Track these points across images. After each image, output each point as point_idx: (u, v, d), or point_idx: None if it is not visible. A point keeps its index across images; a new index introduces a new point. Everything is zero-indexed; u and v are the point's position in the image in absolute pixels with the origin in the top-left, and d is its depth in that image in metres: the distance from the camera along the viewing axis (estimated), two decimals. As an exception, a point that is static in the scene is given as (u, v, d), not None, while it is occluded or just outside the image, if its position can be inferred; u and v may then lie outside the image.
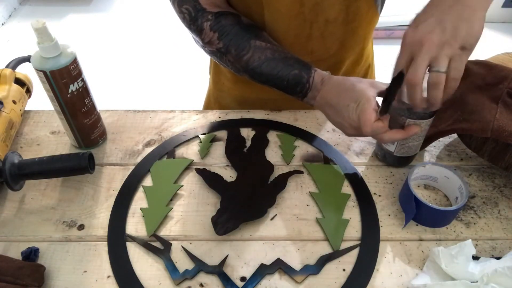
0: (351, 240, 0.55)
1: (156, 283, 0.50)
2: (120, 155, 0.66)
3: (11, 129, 0.65)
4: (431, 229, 0.56)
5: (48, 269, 0.51)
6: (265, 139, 0.68)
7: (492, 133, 0.55)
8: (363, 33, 0.72)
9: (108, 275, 0.51)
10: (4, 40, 2.49)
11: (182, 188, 0.61)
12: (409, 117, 0.55)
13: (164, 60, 2.31)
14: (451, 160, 0.66)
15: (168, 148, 0.66)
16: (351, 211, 0.58)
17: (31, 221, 0.57)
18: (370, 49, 0.83)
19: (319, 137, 0.69)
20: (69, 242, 0.55)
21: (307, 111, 0.73)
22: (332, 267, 0.52)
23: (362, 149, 0.67)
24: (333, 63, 0.73)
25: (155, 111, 0.73)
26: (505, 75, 0.60)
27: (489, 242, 0.55)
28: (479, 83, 0.61)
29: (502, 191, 0.61)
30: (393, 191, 0.61)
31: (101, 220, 0.57)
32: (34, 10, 2.78)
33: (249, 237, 0.55)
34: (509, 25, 2.61)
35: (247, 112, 0.73)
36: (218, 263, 0.52)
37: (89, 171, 0.57)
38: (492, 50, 0.82)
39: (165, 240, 0.54)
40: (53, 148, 0.67)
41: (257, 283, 0.50)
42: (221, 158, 0.66)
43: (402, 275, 0.51)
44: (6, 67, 0.70)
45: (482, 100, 0.59)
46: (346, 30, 0.68)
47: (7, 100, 0.66)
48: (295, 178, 0.62)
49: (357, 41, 0.72)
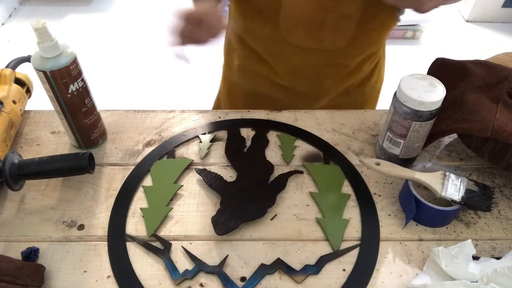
0: (351, 240, 0.55)
1: (156, 283, 0.50)
2: (120, 155, 0.66)
3: (11, 129, 0.65)
4: (431, 229, 0.56)
5: (48, 269, 0.51)
6: (265, 139, 0.68)
7: (492, 133, 0.55)
8: (377, 36, 0.72)
9: (108, 275, 0.51)
10: (4, 40, 2.49)
11: (182, 188, 0.61)
12: (415, 120, 0.55)
13: (164, 60, 2.31)
14: (451, 160, 0.66)
15: (168, 148, 0.66)
16: (351, 211, 0.58)
17: (31, 221, 0.57)
18: (381, 52, 0.83)
19: (319, 137, 0.69)
20: (69, 242, 0.55)
21: (307, 111, 0.73)
22: (332, 267, 0.52)
23: (362, 149, 0.67)
24: (340, 56, 0.73)
25: (155, 111, 0.73)
26: (505, 75, 0.60)
27: (489, 242, 0.55)
28: (479, 83, 0.61)
29: (502, 191, 0.61)
30: (393, 191, 0.61)
31: (101, 220, 0.57)
32: (34, 10, 2.78)
33: (249, 237, 0.55)
34: (509, 25, 2.61)
35: (247, 112, 0.73)
36: (218, 263, 0.52)
37: (89, 171, 0.57)
38: (492, 50, 0.82)
39: (165, 240, 0.54)
40: (53, 148, 0.67)
41: (257, 283, 0.50)
42: (221, 158, 0.66)
43: (402, 275, 0.51)
44: (6, 67, 0.70)
45: (482, 100, 0.59)
46: (359, 29, 0.68)
47: (7, 100, 0.66)
48: (295, 178, 0.62)
49: (368, 42, 0.73)
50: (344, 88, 0.80)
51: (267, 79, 0.80)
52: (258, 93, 0.83)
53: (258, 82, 0.82)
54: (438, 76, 0.58)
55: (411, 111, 0.55)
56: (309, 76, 0.77)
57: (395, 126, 0.58)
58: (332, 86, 0.79)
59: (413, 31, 2.43)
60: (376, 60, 0.82)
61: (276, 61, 0.76)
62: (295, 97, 0.79)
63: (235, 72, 0.84)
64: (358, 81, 0.81)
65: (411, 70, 0.70)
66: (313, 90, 0.79)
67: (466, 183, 0.55)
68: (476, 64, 0.64)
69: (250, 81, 0.83)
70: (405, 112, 0.56)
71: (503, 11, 2.58)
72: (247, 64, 0.81)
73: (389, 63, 0.90)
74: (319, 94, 0.80)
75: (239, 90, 0.86)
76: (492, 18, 2.61)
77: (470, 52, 2.34)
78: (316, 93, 0.80)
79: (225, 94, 0.91)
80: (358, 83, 0.82)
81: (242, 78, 0.84)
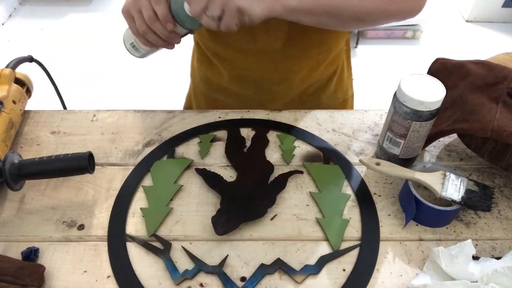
0: (351, 240, 0.55)
1: (156, 283, 0.50)
2: (120, 155, 0.66)
3: (11, 129, 0.65)
4: (431, 229, 0.56)
5: (48, 269, 0.51)
6: (265, 139, 0.68)
7: (492, 133, 0.55)
8: (318, 38, 0.70)
9: (108, 275, 0.51)
10: (4, 40, 2.49)
11: (182, 188, 0.61)
12: (415, 120, 0.55)
13: (164, 60, 2.31)
14: (451, 160, 0.66)
15: (168, 148, 0.66)
16: (351, 211, 0.58)
17: (31, 221, 0.57)
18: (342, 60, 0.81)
19: (319, 137, 0.69)
20: (69, 242, 0.55)
21: (307, 111, 0.73)
22: (332, 267, 0.52)
23: (362, 149, 0.67)
24: (280, 58, 0.72)
25: (155, 111, 0.73)
26: (505, 75, 0.60)
27: (489, 242, 0.55)
28: (479, 83, 0.61)
29: (502, 191, 0.61)
30: (393, 191, 0.61)
31: (101, 220, 0.57)
32: (34, 10, 2.79)
33: (249, 237, 0.55)
34: (509, 25, 2.61)
35: (247, 112, 0.73)
36: (218, 263, 0.52)
37: (89, 171, 0.57)
38: (492, 50, 0.82)
39: (165, 240, 0.54)
40: (53, 148, 0.67)
41: (257, 283, 0.50)
42: (221, 158, 0.66)
43: (402, 275, 0.51)
44: (6, 67, 0.70)
45: (482, 100, 0.59)
46: (293, 29, 0.67)
47: (7, 100, 0.66)
48: (295, 178, 0.62)
49: (308, 44, 0.71)
50: (296, 94, 0.79)
51: (218, 84, 0.80)
52: (213, 98, 0.83)
53: (211, 87, 0.82)
54: (438, 76, 0.58)
55: (411, 111, 0.55)
56: (254, 80, 0.76)
57: (395, 126, 0.58)
58: (280, 91, 0.78)
59: (413, 31, 2.44)
60: (334, 68, 0.80)
61: (222, 64, 0.77)
62: (246, 102, 0.78)
63: (196, 76, 0.85)
64: (312, 87, 0.80)
65: (411, 70, 0.70)
66: (260, 94, 0.78)
67: (466, 183, 0.55)
68: (476, 64, 0.63)
69: (205, 85, 0.84)
70: (405, 112, 0.56)
71: (503, 11, 2.58)
72: (202, 68, 0.82)
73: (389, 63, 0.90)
74: (267, 99, 0.79)
75: (200, 92, 0.87)
76: (492, 18, 2.62)
77: (470, 52, 2.35)
78: (264, 98, 0.79)
79: (192, 95, 0.91)
80: (312, 91, 0.80)
81: (200, 82, 0.84)
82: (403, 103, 0.55)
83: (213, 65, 0.78)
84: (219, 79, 0.79)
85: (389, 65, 2.23)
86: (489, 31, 2.57)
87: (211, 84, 0.82)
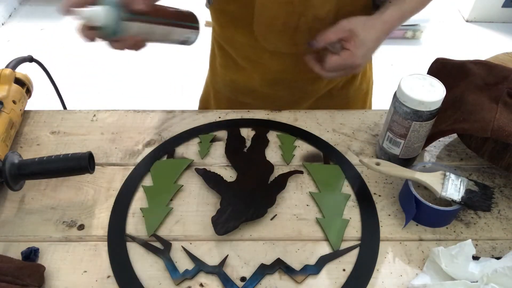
0: (351, 240, 0.55)
1: (156, 283, 0.50)
2: (120, 155, 0.66)
3: (11, 129, 0.65)
4: (431, 229, 0.56)
5: (48, 269, 0.51)
6: (265, 139, 0.68)
7: (492, 133, 0.55)
8: None
9: (108, 275, 0.51)
10: (4, 40, 2.49)
11: (182, 188, 0.61)
12: (415, 120, 0.55)
13: (165, 60, 2.31)
14: (451, 160, 0.66)
15: (168, 148, 0.66)
16: (351, 211, 0.58)
17: (31, 221, 0.57)
18: None
19: (319, 137, 0.69)
20: (69, 242, 0.55)
21: (307, 111, 0.73)
22: (332, 267, 0.52)
23: (362, 149, 0.67)
24: None
25: (155, 111, 0.73)
26: (505, 75, 0.60)
27: (489, 242, 0.55)
28: (479, 83, 0.61)
29: (502, 191, 0.61)
30: (393, 191, 0.61)
31: (101, 220, 0.57)
32: (34, 10, 2.78)
33: (249, 237, 0.55)
34: (509, 25, 2.61)
35: (247, 112, 0.73)
36: (218, 263, 0.52)
37: (89, 171, 0.57)
38: (492, 50, 0.82)
39: (165, 240, 0.54)
40: (53, 148, 0.67)
41: (257, 283, 0.50)
42: (221, 158, 0.66)
43: (402, 275, 0.51)
44: (6, 67, 0.70)
45: (482, 100, 0.59)
46: None
47: (7, 100, 0.66)
48: (295, 178, 0.62)
49: None
50: (326, 90, 0.80)
51: (246, 88, 0.80)
52: (239, 101, 0.83)
53: (238, 90, 0.82)
54: (438, 76, 0.58)
55: (411, 111, 0.55)
56: (288, 81, 0.77)
57: (395, 126, 0.58)
58: (313, 90, 0.79)
59: (413, 31, 2.43)
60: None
61: (254, 68, 0.76)
62: (275, 103, 0.78)
63: (219, 81, 0.84)
64: (341, 83, 0.81)
65: (411, 70, 0.70)
66: (293, 95, 0.79)
67: (466, 183, 0.55)
68: (476, 64, 0.64)
69: (230, 89, 0.83)
70: (405, 112, 0.56)
71: (503, 11, 2.58)
72: (227, 72, 0.81)
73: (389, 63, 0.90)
74: (299, 98, 0.80)
75: (223, 97, 0.86)
76: (492, 18, 2.61)
77: (470, 52, 2.34)
78: (296, 97, 0.79)
79: (211, 99, 0.90)
80: (341, 85, 0.81)
81: (224, 86, 0.84)
82: (403, 103, 0.55)
83: (241, 69, 0.78)
84: (249, 82, 0.79)
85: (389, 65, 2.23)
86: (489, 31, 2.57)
87: (238, 88, 0.81)
